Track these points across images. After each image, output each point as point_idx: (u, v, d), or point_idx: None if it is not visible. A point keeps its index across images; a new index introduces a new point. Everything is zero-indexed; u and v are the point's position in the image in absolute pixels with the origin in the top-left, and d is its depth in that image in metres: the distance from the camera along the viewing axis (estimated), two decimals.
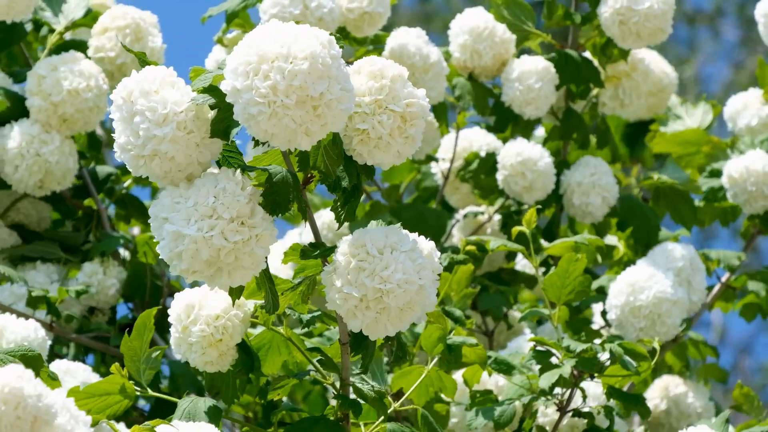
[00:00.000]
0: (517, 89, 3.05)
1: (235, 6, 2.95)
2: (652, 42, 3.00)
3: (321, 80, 1.79)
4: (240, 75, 1.80)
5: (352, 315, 1.93)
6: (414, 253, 1.94)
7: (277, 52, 1.79)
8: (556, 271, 2.49)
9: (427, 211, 3.14)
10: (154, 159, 1.88)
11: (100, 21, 3.02)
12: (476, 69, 3.12)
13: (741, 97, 3.26)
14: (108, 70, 3.00)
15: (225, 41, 3.11)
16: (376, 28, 3.00)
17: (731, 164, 3.04)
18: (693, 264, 2.91)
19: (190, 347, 2.14)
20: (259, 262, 1.92)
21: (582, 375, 2.45)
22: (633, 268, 2.82)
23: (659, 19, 2.97)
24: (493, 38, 3.08)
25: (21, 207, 3.09)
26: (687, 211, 3.15)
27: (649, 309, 2.77)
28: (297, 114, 1.79)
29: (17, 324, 2.46)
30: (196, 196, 1.88)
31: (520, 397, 2.44)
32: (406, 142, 1.95)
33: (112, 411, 2.15)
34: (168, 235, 1.88)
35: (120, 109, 1.90)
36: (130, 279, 3.02)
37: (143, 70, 1.93)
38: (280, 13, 2.83)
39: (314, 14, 2.86)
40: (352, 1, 2.97)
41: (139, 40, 3.01)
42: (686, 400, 3.04)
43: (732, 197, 3.04)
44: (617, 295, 2.80)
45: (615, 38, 3.01)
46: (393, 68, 1.96)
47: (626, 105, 3.21)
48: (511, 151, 3.03)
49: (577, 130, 3.13)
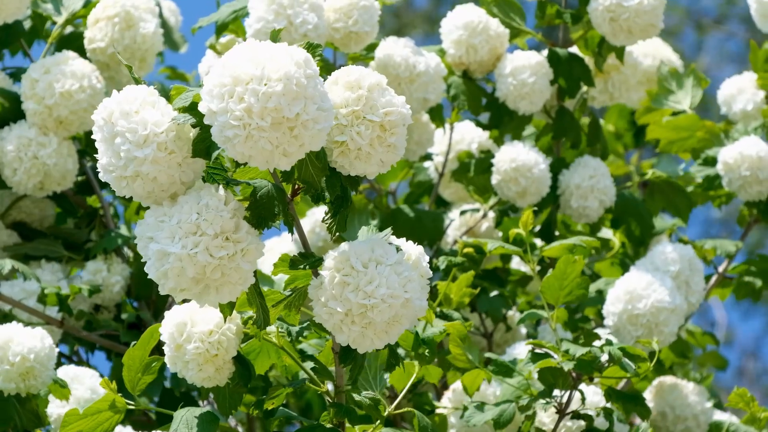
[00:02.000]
0: (510, 84, 3.04)
1: (225, 17, 2.94)
2: (644, 38, 2.97)
3: (296, 101, 1.78)
4: (215, 97, 1.79)
5: (338, 329, 1.93)
6: (400, 266, 1.93)
7: (252, 74, 1.78)
8: (553, 273, 2.48)
9: (423, 214, 3.13)
10: (136, 180, 1.89)
11: (93, 12, 3.01)
12: (472, 65, 3.10)
13: (735, 81, 3.22)
14: (102, 62, 3.00)
15: (218, 47, 3.10)
16: (362, 46, 2.96)
17: (725, 151, 3.02)
18: (691, 265, 2.90)
19: (186, 365, 2.14)
20: (247, 276, 1.92)
21: (581, 377, 2.44)
22: (631, 275, 2.81)
23: (650, 15, 2.94)
24: (488, 32, 3.06)
25: (23, 205, 3.10)
26: (682, 203, 3.13)
27: (647, 318, 2.76)
28: (273, 136, 1.78)
29: (24, 334, 2.47)
30: (180, 214, 1.88)
31: (518, 399, 2.44)
32: (388, 150, 1.94)
33: (102, 429, 2.16)
34: (153, 254, 1.88)
35: (101, 129, 1.91)
36: (136, 277, 3.03)
37: (124, 89, 1.92)
38: (264, 28, 2.81)
39: (298, 30, 2.82)
40: (338, 20, 2.92)
41: (129, 27, 2.99)
42: (682, 402, 3.01)
43: (727, 184, 3.02)
44: (615, 302, 2.79)
45: (606, 35, 2.99)
46: (370, 77, 1.94)
47: (616, 98, 3.19)
48: (506, 156, 3.02)
49: (570, 129, 3.11)
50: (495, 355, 2.53)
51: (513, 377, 2.48)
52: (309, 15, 2.82)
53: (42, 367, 2.48)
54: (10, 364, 2.46)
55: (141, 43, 3.00)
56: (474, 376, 2.54)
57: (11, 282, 2.88)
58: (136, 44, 3.00)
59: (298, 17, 2.83)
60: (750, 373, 8.87)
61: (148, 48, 3.02)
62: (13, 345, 2.47)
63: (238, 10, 2.93)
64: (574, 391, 2.47)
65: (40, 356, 2.47)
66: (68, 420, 2.17)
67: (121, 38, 2.99)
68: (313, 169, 1.90)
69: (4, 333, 2.48)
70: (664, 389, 3.04)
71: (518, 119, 3.12)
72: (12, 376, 2.46)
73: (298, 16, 2.83)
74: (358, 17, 2.92)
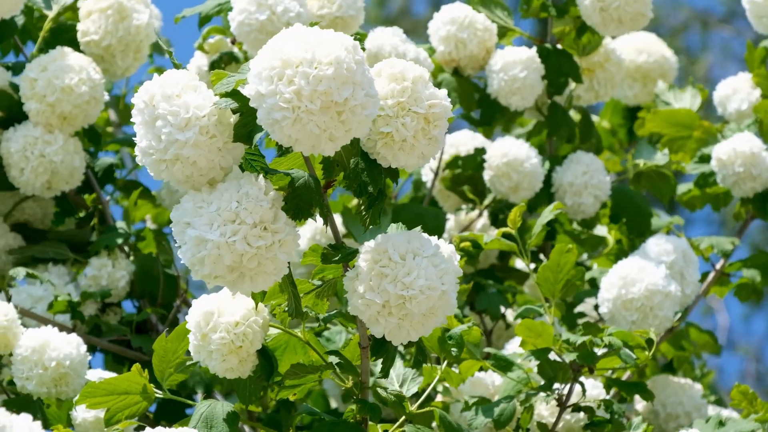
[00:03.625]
0: (502, 80, 3.05)
1: (209, 9, 2.93)
2: (634, 28, 3.00)
3: (346, 86, 1.78)
4: (264, 79, 1.78)
5: (374, 321, 1.92)
6: (436, 258, 1.93)
7: (302, 57, 1.77)
8: (547, 264, 2.48)
9: (425, 212, 3.12)
10: (176, 163, 1.87)
11: (85, 4, 2.97)
12: (462, 60, 3.10)
13: (730, 82, 3.24)
14: (97, 54, 2.97)
15: (206, 47, 3.09)
16: (350, 32, 2.95)
17: (719, 147, 3.03)
18: (686, 256, 2.90)
19: (210, 355, 2.12)
20: (282, 267, 1.91)
21: (581, 369, 2.43)
22: (624, 261, 2.80)
23: (639, 3, 2.96)
24: (475, 25, 3.08)
25: (25, 206, 3.07)
26: (665, 186, 3.14)
27: (641, 302, 2.74)
28: (321, 119, 1.77)
29: (60, 340, 2.46)
30: (219, 201, 1.87)
31: (518, 394, 2.42)
32: (429, 143, 1.94)
33: (131, 412, 2.14)
34: (190, 239, 1.87)
35: (141, 112, 1.89)
36: (139, 273, 3.00)
37: (165, 73, 1.91)
38: (247, 19, 2.80)
39: (281, 19, 2.81)
40: (322, 7, 2.92)
41: (123, 19, 2.97)
42: (674, 400, 3.01)
43: (721, 180, 3.02)
44: (609, 288, 2.77)
45: (596, 26, 3.00)
46: (414, 70, 1.95)
47: (601, 96, 3.20)
48: (498, 151, 3.03)
49: (564, 125, 3.12)
50: (494, 350, 2.52)
51: (513, 371, 2.46)
52: (290, 3, 2.81)
53: (75, 375, 2.47)
54: (44, 369, 2.45)
55: (135, 34, 2.97)
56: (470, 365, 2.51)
57: (17, 289, 2.84)
58: (131, 35, 2.97)
59: (280, 5, 2.81)
60: (752, 374, 8.92)
61: (143, 39, 2.99)
62: (49, 350, 2.45)
63: (223, 4, 2.92)
64: (574, 383, 2.46)
65: (74, 363, 2.46)
66: (91, 392, 2.13)
67: (115, 30, 2.96)
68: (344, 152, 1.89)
69: (40, 336, 2.47)
70: (656, 387, 3.03)
71: (509, 115, 3.12)
72: (45, 381, 2.45)
73: (279, 4, 2.81)
74: (342, 2, 2.92)
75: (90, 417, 2.47)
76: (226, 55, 3.02)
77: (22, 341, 2.47)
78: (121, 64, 3.00)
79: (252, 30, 2.81)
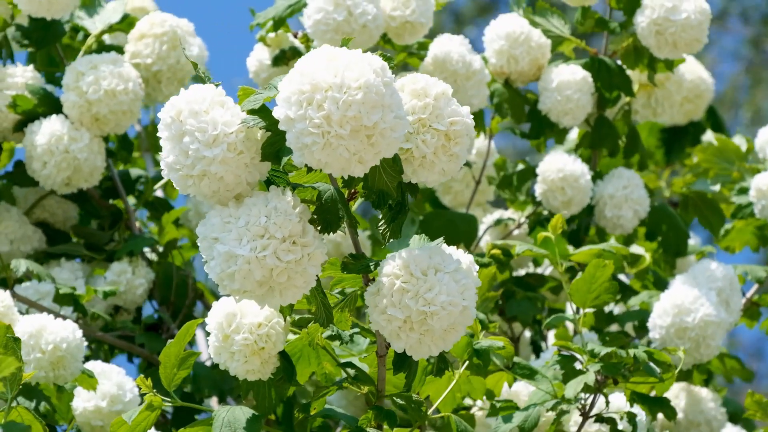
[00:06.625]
0: (555, 99, 3.06)
1: (281, 12, 2.94)
2: (688, 52, 3.01)
3: (375, 109, 1.79)
4: (293, 104, 1.79)
5: (395, 336, 1.94)
6: (458, 274, 1.95)
7: (331, 82, 1.79)
8: (582, 276, 2.51)
9: (457, 217, 3.15)
10: (203, 179, 1.89)
11: (138, 27, 3.02)
12: (513, 74, 3.12)
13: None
14: (143, 77, 3.01)
15: (268, 41, 3.10)
16: (416, 38, 2.99)
17: (758, 177, 3.06)
18: (732, 284, 2.92)
19: (232, 356, 2.14)
20: (311, 280, 1.92)
21: (606, 380, 2.47)
22: (677, 288, 2.83)
23: (696, 30, 2.98)
24: (529, 43, 3.08)
25: (47, 204, 3.10)
26: (715, 218, 3.17)
27: (696, 332, 2.79)
28: (351, 144, 1.79)
29: (56, 325, 2.48)
30: (248, 216, 1.89)
31: (544, 403, 2.46)
32: (450, 160, 1.95)
33: (141, 429, 2.14)
34: (220, 255, 1.88)
35: (168, 128, 1.90)
36: (161, 280, 3.03)
37: (191, 87, 1.93)
38: (324, 19, 2.82)
39: (358, 21, 2.84)
40: (396, 8, 2.95)
41: (174, 48, 3.02)
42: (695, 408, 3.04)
43: (759, 212, 3.06)
44: (662, 315, 2.82)
45: (651, 48, 3.02)
46: (437, 86, 1.95)
47: (659, 114, 3.23)
48: (553, 166, 3.04)
49: (608, 139, 3.14)
50: (520, 359, 2.56)
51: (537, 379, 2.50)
52: (368, 6, 2.84)
53: (72, 358, 2.48)
54: (41, 352, 2.47)
55: (185, 64, 3.04)
56: (497, 379, 2.56)
57: (25, 284, 2.87)
58: (179, 65, 3.04)
59: (358, 7, 2.85)
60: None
61: (189, 70, 3.04)
62: (45, 334, 2.47)
63: (294, 4, 2.94)
64: (598, 394, 2.50)
65: (71, 347, 2.48)
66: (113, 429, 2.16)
67: (167, 57, 3.01)
68: (387, 177, 1.91)
69: (36, 322, 2.49)
70: (677, 395, 3.08)
71: (558, 130, 3.15)
72: (43, 365, 2.46)
73: (357, 6, 2.85)
74: (416, 7, 2.96)
75: (90, 407, 2.51)
76: (290, 50, 3.04)
77: (19, 327, 2.49)
78: (165, 91, 3.04)
79: (328, 30, 2.84)
